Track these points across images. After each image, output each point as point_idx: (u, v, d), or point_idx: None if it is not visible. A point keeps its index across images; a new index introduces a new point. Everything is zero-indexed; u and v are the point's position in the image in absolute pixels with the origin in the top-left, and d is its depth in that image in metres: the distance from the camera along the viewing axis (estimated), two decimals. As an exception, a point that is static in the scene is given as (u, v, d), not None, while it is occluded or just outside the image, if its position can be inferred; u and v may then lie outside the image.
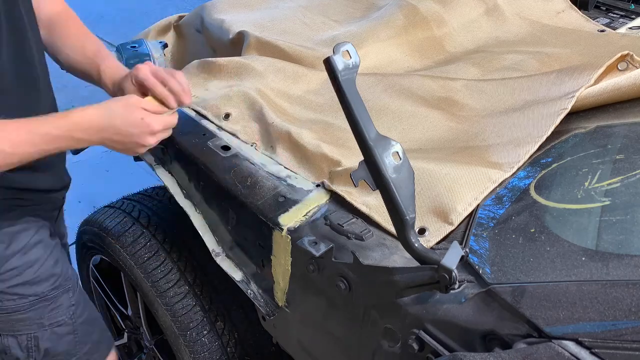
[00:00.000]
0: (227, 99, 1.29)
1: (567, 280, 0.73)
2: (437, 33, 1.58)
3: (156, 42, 1.72)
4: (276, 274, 1.01)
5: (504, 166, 1.00)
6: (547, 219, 0.85)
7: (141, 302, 1.55)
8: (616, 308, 0.67)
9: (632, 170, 0.90)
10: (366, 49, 1.47)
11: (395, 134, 1.16)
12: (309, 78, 1.40)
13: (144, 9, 5.38)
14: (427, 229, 0.91)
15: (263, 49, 1.48)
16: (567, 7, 1.73)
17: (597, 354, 0.64)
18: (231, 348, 1.38)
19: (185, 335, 1.35)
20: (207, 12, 1.71)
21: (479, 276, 0.78)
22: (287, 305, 1.02)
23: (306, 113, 1.26)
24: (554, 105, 1.12)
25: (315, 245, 0.92)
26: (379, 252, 0.89)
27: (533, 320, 0.69)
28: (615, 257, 0.74)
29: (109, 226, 1.48)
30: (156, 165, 1.30)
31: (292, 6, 1.75)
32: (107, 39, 4.73)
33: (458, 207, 0.92)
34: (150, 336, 1.61)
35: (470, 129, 1.17)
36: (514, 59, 1.42)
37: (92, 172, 2.94)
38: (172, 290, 1.35)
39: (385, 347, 0.84)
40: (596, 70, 1.16)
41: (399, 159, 0.80)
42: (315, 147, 1.09)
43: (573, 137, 1.07)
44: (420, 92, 1.30)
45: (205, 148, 1.18)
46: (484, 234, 0.87)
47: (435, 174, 0.97)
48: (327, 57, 0.76)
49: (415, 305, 0.80)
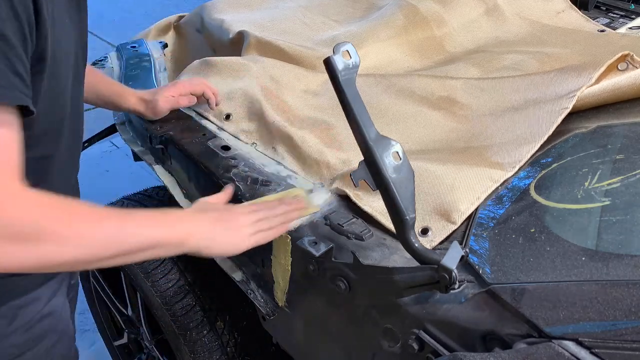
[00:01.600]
0: (228, 100, 1.29)
1: (567, 280, 0.73)
2: (437, 33, 1.58)
3: (156, 42, 1.73)
4: (276, 274, 1.01)
5: (505, 166, 1.00)
6: (547, 219, 0.85)
7: (141, 302, 1.55)
8: (616, 308, 0.67)
9: (632, 170, 0.90)
10: (366, 49, 1.47)
11: (396, 134, 1.16)
12: (309, 78, 1.40)
13: (144, 9, 5.38)
14: (430, 228, 0.91)
15: (263, 49, 1.48)
16: (567, 7, 1.73)
17: (597, 354, 0.64)
18: (231, 348, 1.38)
19: (185, 335, 1.34)
20: (207, 12, 1.71)
21: (479, 276, 0.78)
22: (287, 305, 1.02)
23: (307, 113, 1.26)
24: (555, 104, 1.12)
25: (315, 245, 0.92)
26: (379, 252, 0.89)
27: (533, 320, 0.69)
28: (615, 257, 0.74)
29: (109, 226, 1.48)
30: (156, 165, 1.30)
31: (292, 6, 1.75)
32: (107, 39, 4.74)
33: (460, 207, 0.92)
34: (150, 336, 1.61)
35: (471, 129, 1.17)
36: (514, 59, 1.42)
37: (92, 172, 2.94)
38: (172, 290, 1.35)
39: (385, 347, 0.84)
40: (597, 69, 1.16)
41: (399, 159, 0.80)
42: (318, 154, 1.09)
43: (573, 137, 1.07)
44: (420, 92, 1.30)
45: (205, 148, 1.18)
46: (484, 234, 0.87)
47: (437, 173, 0.97)
48: (327, 57, 0.76)
49: (415, 305, 0.80)
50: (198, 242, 0.83)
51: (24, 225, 0.67)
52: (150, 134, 1.28)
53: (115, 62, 1.63)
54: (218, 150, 1.17)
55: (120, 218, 0.76)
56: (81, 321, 2.22)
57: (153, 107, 1.23)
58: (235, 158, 1.15)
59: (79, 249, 0.71)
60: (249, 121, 1.24)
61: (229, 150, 1.17)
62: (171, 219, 0.83)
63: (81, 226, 0.71)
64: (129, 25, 4.93)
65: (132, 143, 1.38)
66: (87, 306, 1.87)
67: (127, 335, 1.77)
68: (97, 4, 5.38)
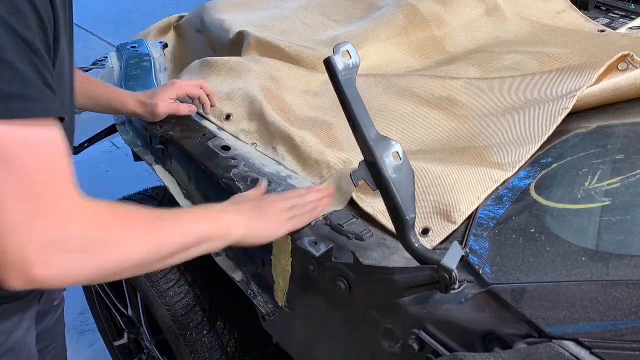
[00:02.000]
0: (228, 100, 1.29)
1: (567, 280, 0.73)
2: (437, 33, 1.58)
3: (156, 42, 1.73)
4: (276, 274, 1.01)
5: (505, 166, 1.00)
6: (547, 219, 0.85)
7: (141, 302, 1.55)
8: (616, 308, 0.67)
9: (632, 170, 0.90)
10: (366, 49, 1.47)
11: (396, 134, 1.16)
12: (309, 78, 1.40)
13: (144, 9, 5.38)
14: (430, 228, 0.91)
15: (263, 49, 1.48)
16: (567, 7, 1.73)
17: (597, 354, 0.64)
18: (231, 348, 1.38)
19: (185, 335, 1.34)
20: (207, 12, 1.71)
21: (479, 276, 0.78)
22: (287, 305, 1.02)
23: (307, 113, 1.26)
24: (555, 104, 1.12)
25: (315, 245, 0.92)
26: (379, 252, 0.89)
27: (533, 320, 0.69)
28: (615, 257, 0.74)
29: (109, 226, 1.48)
30: (156, 165, 1.30)
31: (292, 6, 1.75)
32: (107, 39, 4.74)
33: (461, 207, 0.92)
34: (150, 336, 1.61)
35: (471, 129, 1.17)
36: (514, 59, 1.42)
37: (92, 172, 2.94)
38: (172, 290, 1.35)
39: (385, 347, 0.84)
40: (597, 69, 1.16)
41: (399, 159, 0.80)
42: (318, 154, 1.09)
43: (573, 137, 1.07)
44: (420, 92, 1.30)
45: (205, 148, 1.18)
46: (484, 234, 0.87)
47: (437, 174, 0.97)
48: (327, 57, 0.76)
49: (415, 305, 0.80)
50: (239, 232, 0.86)
51: (87, 237, 0.67)
52: (150, 134, 1.28)
53: (115, 62, 1.63)
54: (218, 150, 1.17)
55: (172, 218, 0.79)
56: (81, 321, 2.23)
57: (151, 110, 1.24)
58: (235, 158, 1.15)
59: (140, 253, 0.73)
60: (249, 121, 1.24)
61: (229, 150, 1.17)
62: (214, 213, 0.87)
63: (140, 231, 0.73)
64: (129, 25, 4.93)
65: (132, 143, 1.38)
66: (87, 306, 1.87)
67: (127, 335, 1.77)
68: (97, 4, 5.38)
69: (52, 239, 0.64)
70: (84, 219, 0.67)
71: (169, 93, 1.24)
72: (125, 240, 0.71)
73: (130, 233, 0.72)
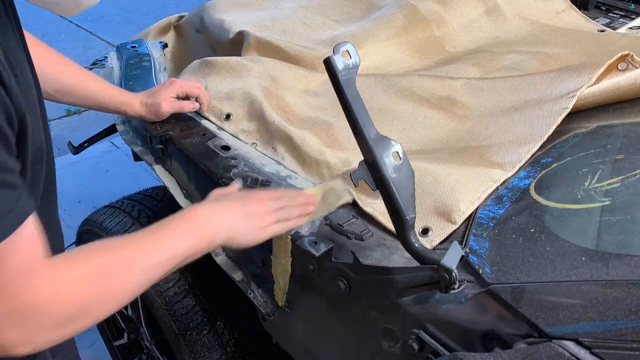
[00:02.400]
0: (228, 100, 1.29)
1: (567, 280, 0.73)
2: (437, 33, 1.58)
3: (156, 42, 1.72)
4: (276, 274, 1.01)
5: (505, 166, 1.00)
6: (547, 219, 0.85)
7: (141, 302, 1.55)
8: (616, 308, 0.67)
9: (632, 170, 0.90)
10: (366, 49, 1.47)
11: (396, 134, 1.16)
12: (309, 78, 1.40)
13: (144, 9, 5.38)
14: (430, 228, 0.91)
15: (263, 49, 1.48)
16: (567, 7, 1.73)
17: (597, 354, 0.64)
18: (231, 348, 1.37)
19: (185, 335, 1.34)
20: (207, 12, 1.71)
21: (479, 276, 0.78)
22: (287, 305, 1.02)
23: (307, 113, 1.26)
24: (555, 104, 1.12)
25: (315, 245, 0.92)
26: (379, 252, 0.89)
27: (533, 320, 0.69)
28: (615, 257, 0.74)
29: (109, 226, 1.48)
30: (156, 165, 1.30)
31: (292, 6, 1.75)
32: (107, 39, 4.74)
33: (461, 206, 0.92)
34: (150, 336, 1.61)
35: (471, 129, 1.17)
36: (514, 59, 1.42)
37: (92, 172, 2.94)
38: (172, 290, 1.35)
39: (385, 347, 0.84)
40: (597, 69, 1.16)
41: (399, 159, 0.80)
42: (318, 154, 1.09)
43: (573, 137, 1.07)
44: (420, 92, 1.30)
45: (205, 148, 1.18)
46: (484, 234, 0.87)
47: (437, 174, 0.97)
48: (327, 57, 0.76)
49: (415, 305, 0.80)
50: (222, 239, 0.83)
51: (66, 312, 0.65)
52: (150, 134, 1.28)
53: (115, 62, 1.63)
54: (218, 150, 1.17)
55: (148, 249, 0.74)
56: (81, 321, 2.22)
57: (155, 110, 1.24)
58: (235, 158, 1.15)
59: (120, 303, 0.72)
60: (249, 121, 1.24)
61: (229, 150, 1.17)
62: (195, 223, 0.81)
63: (117, 284, 0.70)
64: (129, 25, 4.92)
65: (132, 143, 1.38)
66: (87, 306, 1.86)
67: (127, 335, 1.77)
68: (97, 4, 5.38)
69: (31, 327, 0.62)
70: (58, 298, 0.64)
71: (170, 92, 1.24)
72: (100, 304, 0.69)
73: (106, 294, 0.69)
